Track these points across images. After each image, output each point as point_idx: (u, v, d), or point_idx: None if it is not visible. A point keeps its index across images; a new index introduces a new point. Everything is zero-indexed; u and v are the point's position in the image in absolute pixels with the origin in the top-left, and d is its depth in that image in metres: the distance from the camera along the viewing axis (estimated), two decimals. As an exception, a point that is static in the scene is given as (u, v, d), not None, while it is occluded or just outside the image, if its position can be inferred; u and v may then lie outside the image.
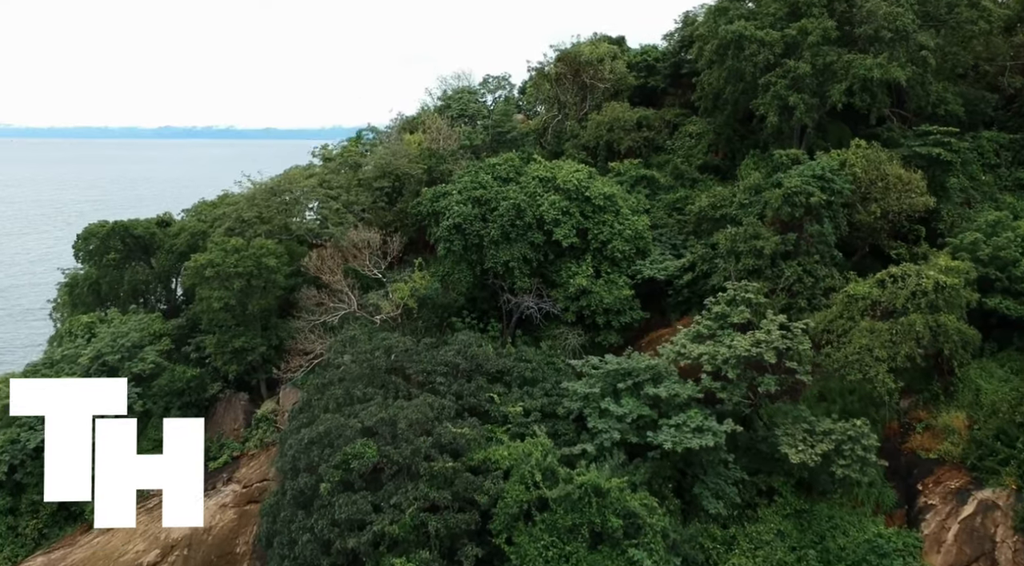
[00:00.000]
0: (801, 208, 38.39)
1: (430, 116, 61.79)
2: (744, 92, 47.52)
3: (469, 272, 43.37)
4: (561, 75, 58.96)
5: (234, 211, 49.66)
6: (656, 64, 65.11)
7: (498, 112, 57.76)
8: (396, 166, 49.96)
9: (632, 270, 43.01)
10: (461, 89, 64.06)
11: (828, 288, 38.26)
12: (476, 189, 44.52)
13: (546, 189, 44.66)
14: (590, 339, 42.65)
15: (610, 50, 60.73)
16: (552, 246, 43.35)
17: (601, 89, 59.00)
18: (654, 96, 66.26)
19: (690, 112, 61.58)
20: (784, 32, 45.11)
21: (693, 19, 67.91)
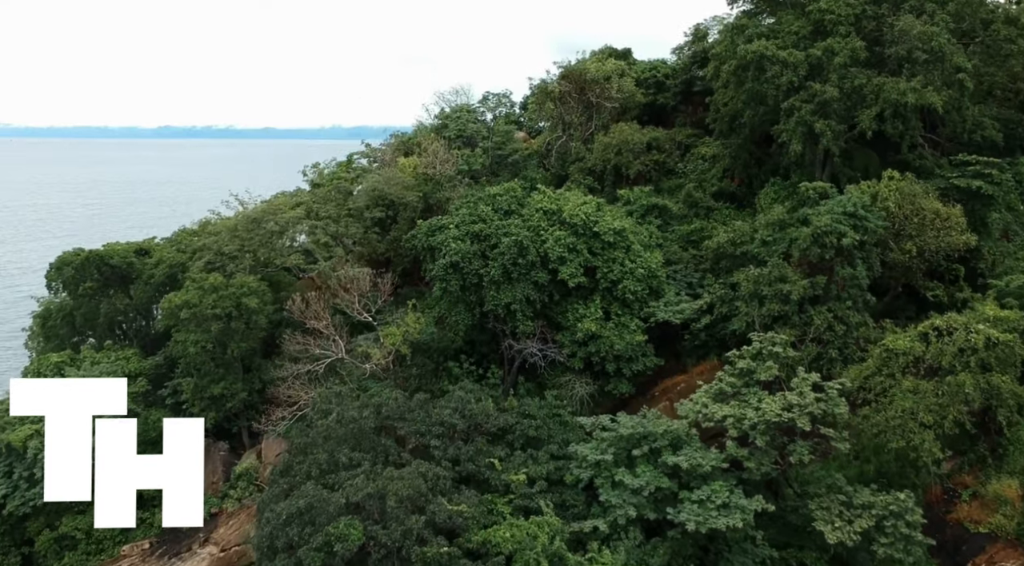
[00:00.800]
0: (832, 249, 35.20)
1: (426, 136, 58.65)
2: (764, 116, 44.35)
3: (467, 314, 40.15)
4: (565, 93, 55.83)
5: (215, 243, 46.52)
6: (666, 81, 62.03)
7: (499, 133, 54.59)
8: (389, 193, 46.78)
9: (645, 312, 39.81)
10: (459, 107, 60.92)
11: (863, 339, 35.01)
12: (475, 223, 41.31)
13: (551, 223, 41.45)
14: (599, 388, 39.48)
15: (617, 66, 57.63)
16: (557, 285, 40.16)
17: (608, 108, 55.84)
18: (663, 113, 63.17)
19: (702, 132, 58.48)
20: (808, 52, 41.97)
21: (704, 32, 64.94)
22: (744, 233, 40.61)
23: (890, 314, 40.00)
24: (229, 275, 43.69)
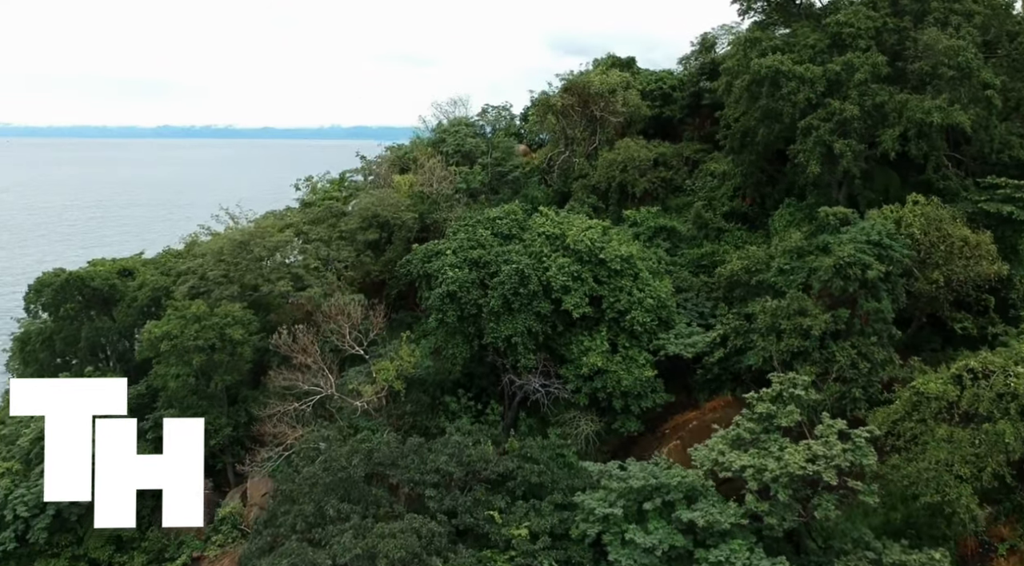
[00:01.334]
0: (855, 282, 32.98)
1: (423, 150, 56.51)
2: (779, 133, 42.19)
3: (465, 346, 37.96)
4: (568, 107, 53.67)
5: (200, 266, 44.37)
6: (672, 93, 59.89)
7: (498, 149, 52.42)
8: (383, 215, 44.65)
9: (654, 345, 37.62)
10: (457, 120, 58.79)
11: (889, 378, 32.84)
12: (473, 249, 39.16)
13: (554, 249, 39.31)
14: (606, 425, 37.30)
15: (622, 79, 55.49)
16: (561, 316, 37.98)
17: (613, 123, 53.70)
18: (670, 126, 61.04)
19: (711, 147, 56.31)
20: (826, 67, 39.82)
21: (711, 41, 62.89)
22: (759, 260, 38.42)
23: (915, 346, 37.87)
24: (214, 302, 41.57)
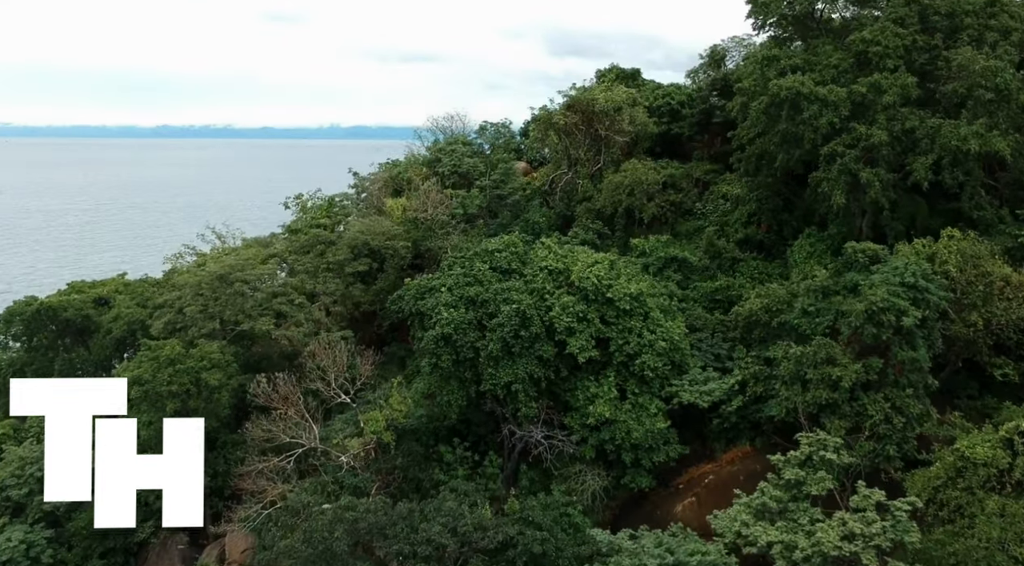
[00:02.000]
0: (889, 329, 30.19)
1: (417, 171, 53.74)
2: (800, 159, 39.46)
3: (461, 393, 35.13)
4: (571, 126, 50.92)
5: (177, 299, 41.57)
6: (681, 109, 57.12)
7: (497, 171, 49.68)
8: (373, 244, 41.96)
9: (667, 391, 34.82)
10: (454, 138, 56.04)
11: (927, 436, 30.07)
12: (470, 285, 36.39)
13: (557, 285, 36.54)
14: (614, 480, 34.45)
15: (628, 95, 52.73)
16: (565, 360, 35.18)
17: (619, 142, 50.95)
18: (678, 144, 58.32)
19: (722, 167, 53.60)
20: (851, 89, 37.11)
21: (721, 54, 60.26)
22: (780, 298, 35.63)
23: (949, 392, 35.13)
24: (191, 340, 38.83)
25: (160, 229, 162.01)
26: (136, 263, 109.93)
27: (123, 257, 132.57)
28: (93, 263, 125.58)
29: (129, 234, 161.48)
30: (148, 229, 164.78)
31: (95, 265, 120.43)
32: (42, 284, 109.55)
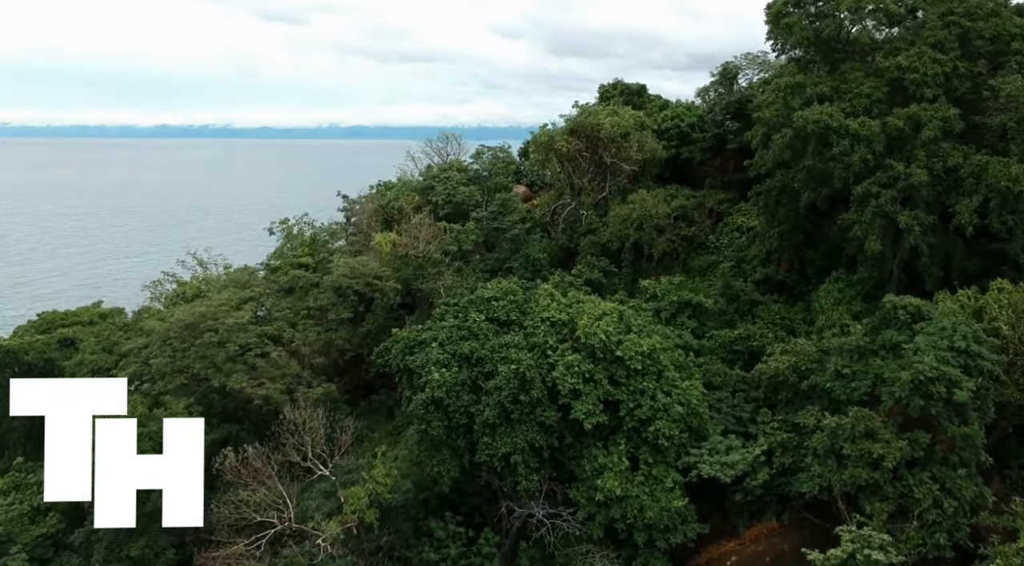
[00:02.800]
0: (939, 402, 26.78)
1: (409, 200, 50.34)
2: (829, 198, 36.13)
3: (454, 463, 31.71)
4: (574, 152, 47.57)
5: (144, 349, 38.21)
6: (691, 132, 53.81)
7: (495, 202, 46.27)
8: (359, 288, 38.63)
9: (683, 462, 31.37)
10: (449, 165, 52.66)
11: (983, 526, 26.63)
12: (464, 340, 32.99)
13: (561, 339, 33.13)
14: (625, 563, 31.00)
15: (635, 119, 49.41)
16: (570, 425, 31.73)
17: (626, 171, 47.61)
18: (688, 169, 55.02)
19: (737, 195, 50.35)
20: (886, 122, 33.79)
21: (733, 71, 57.03)
22: (808, 356, 32.19)
23: (998, 461, 31.65)
24: (157, 396, 35.50)
25: (155, 235, 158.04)
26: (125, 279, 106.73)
27: (114, 270, 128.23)
28: (82, 275, 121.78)
29: (122, 242, 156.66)
30: (143, 235, 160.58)
31: (83, 278, 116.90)
32: (31, 297, 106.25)
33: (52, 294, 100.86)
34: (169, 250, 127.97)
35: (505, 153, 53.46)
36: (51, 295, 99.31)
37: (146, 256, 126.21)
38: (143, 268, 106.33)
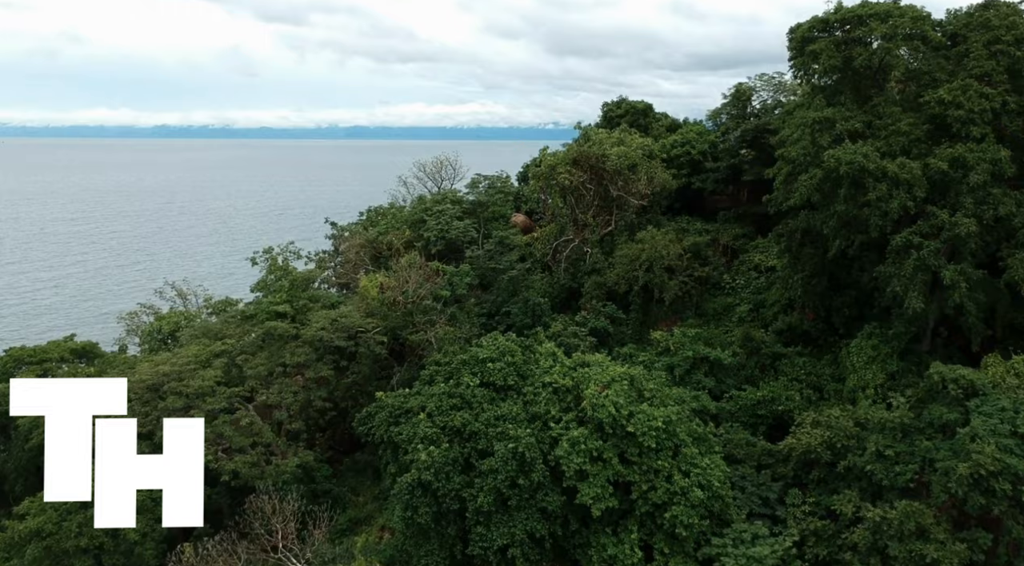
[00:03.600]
0: (1004, 500, 23.37)
1: (399, 235, 46.95)
2: (862, 245, 32.76)
3: (443, 555, 28.26)
4: (578, 184, 44.20)
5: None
6: (702, 161, 50.47)
7: (492, 241, 42.83)
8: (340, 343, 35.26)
9: (704, 553, 27.91)
10: (442, 196, 49.30)
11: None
12: (456, 409, 29.68)
13: (564, 407, 29.80)
14: (639, 668, 27.48)
15: (643, 147, 45.96)
16: (575, 510, 28.35)
17: (634, 205, 44.22)
18: (699, 199, 51.66)
19: (753, 230, 47.05)
20: (928, 164, 30.43)
21: (747, 93, 53.75)
22: (845, 432, 28.73)
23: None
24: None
25: (148, 242, 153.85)
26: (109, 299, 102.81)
27: (104, 279, 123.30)
28: (69, 293, 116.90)
29: (117, 247, 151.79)
30: (136, 242, 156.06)
31: (69, 299, 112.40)
32: (17, 314, 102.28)
33: (27, 324, 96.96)
34: (156, 267, 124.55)
35: (503, 183, 49.98)
36: (26, 325, 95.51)
37: (132, 275, 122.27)
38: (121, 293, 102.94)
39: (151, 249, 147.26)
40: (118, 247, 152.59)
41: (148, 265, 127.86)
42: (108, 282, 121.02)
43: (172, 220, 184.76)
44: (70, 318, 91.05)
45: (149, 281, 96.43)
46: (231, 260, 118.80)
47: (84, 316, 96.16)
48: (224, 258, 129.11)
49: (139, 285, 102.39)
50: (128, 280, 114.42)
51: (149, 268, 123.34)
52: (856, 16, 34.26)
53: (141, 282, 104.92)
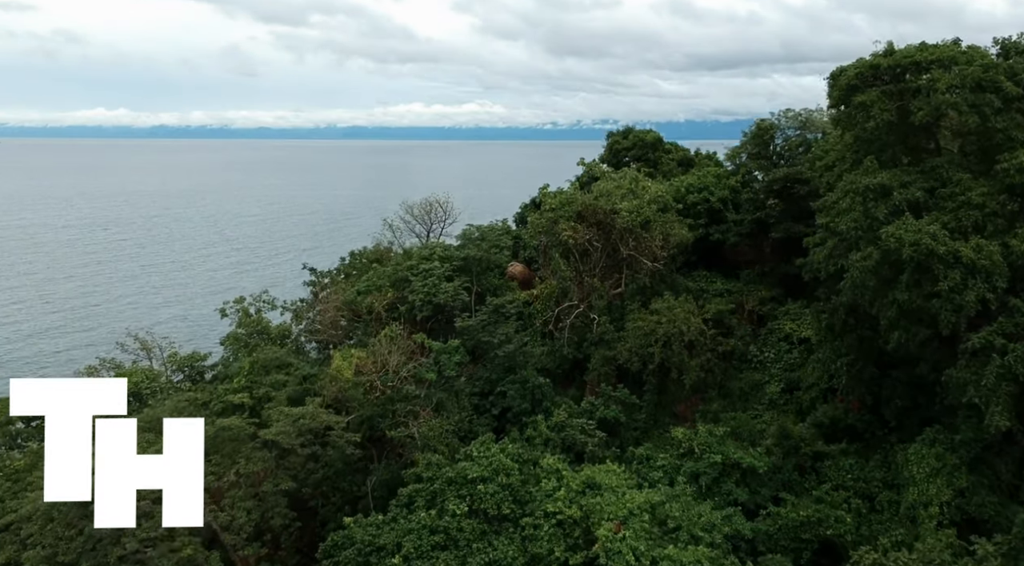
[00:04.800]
0: None
1: (381, 297, 41.90)
2: (927, 342, 27.79)
3: None
4: (583, 242, 39.23)
5: (24, 530, 29.66)
6: (722, 209, 45.50)
7: (486, 310, 37.72)
8: (302, 451, 30.24)
9: None
10: (430, 251, 44.25)
11: None
12: (439, 550, 24.68)
13: (571, 546, 24.78)
14: None
15: (657, 197, 40.96)
16: None
17: (648, 267, 39.24)
18: (719, 252, 46.66)
19: (782, 291, 42.14)
20: (1009, 246, 25.48)
21: (770, 130, 48.91)
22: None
23: None
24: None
25: (140, 251, 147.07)
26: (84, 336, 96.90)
27: (86, 297, 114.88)
28: (39, 329, 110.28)
29: (105, 257, 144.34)
30: (125, 249, 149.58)
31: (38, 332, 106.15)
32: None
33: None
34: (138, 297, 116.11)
35: (498, 235, 44.83)
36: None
37: (119, 282, 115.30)
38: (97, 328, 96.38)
39: (136, 256, 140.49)
40: (105, 256, 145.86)
41: (129, 279, 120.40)
42: (105, 306, 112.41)
43: (164, 227, 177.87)
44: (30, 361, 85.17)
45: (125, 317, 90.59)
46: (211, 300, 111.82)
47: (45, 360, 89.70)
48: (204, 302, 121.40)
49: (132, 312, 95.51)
50: (90, 332, 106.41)
51: (117, 311, 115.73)
52: (913, 63, 29.39)
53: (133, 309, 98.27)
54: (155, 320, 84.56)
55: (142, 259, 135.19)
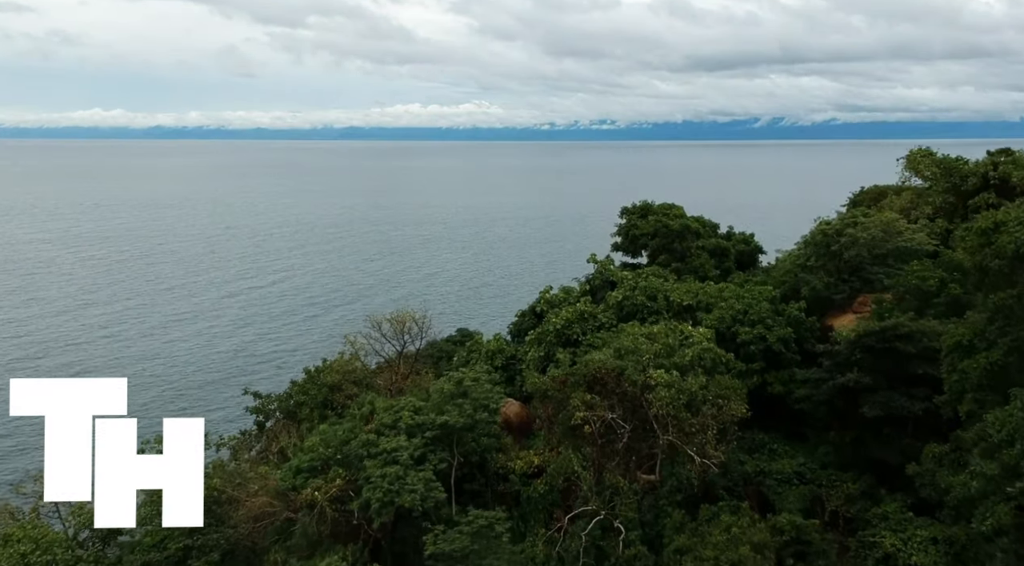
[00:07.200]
0: None
1: (325, 485, 31.38)
2: None
3: None
4: (603, 422, 28.86)
5: None
6: (784, 352, 35.25)
7: (467, 530, 27.21)
8: None
9: None
10: (395, 414, 33.67)
11: None
12: None
13: None
14: None
15: (704, 350, 30.67)
16: None
17: (692, 456, 28.87)
18: (779, 407, 36.27)
19: (872, 479, 31.82)
20: None
21: (834, 231, 39.12)
22: None
23: None
24: None
25: (130, 262, 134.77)
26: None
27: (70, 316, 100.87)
28: None
29: (91, 273, 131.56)
30: (115, 262, 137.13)
31: None
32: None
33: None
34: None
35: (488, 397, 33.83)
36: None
37: (102, 300, 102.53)
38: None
39: (124, 268, 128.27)
40: (92, 273, 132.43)
41: (113, 301, 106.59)
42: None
43: (160, 234, 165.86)
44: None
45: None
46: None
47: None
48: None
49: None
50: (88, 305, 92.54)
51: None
52: None
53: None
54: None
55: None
